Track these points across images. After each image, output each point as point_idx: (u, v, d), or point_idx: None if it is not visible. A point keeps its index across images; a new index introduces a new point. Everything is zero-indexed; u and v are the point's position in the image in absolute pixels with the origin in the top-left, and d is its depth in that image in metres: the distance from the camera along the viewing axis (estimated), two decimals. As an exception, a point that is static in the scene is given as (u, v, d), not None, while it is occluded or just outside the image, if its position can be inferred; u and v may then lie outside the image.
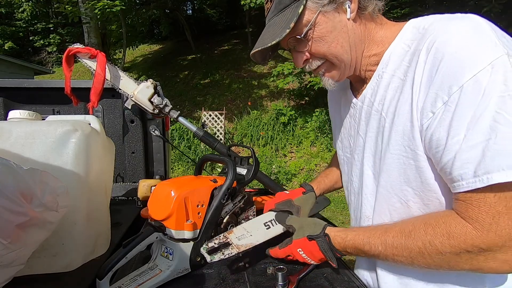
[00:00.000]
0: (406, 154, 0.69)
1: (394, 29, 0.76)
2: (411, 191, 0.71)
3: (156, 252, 0.88)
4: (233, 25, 16.47)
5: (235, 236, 0.86)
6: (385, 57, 0.75)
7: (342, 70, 0.77)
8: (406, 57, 0.70)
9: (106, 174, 1.07)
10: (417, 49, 0.66)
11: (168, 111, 1.41)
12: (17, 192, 0.65)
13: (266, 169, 6.51)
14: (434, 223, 0.63)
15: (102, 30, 11.20)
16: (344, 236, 0.77)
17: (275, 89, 9.38)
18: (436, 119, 0.61)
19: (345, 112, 0.93)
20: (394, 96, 0.71)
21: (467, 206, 0.59)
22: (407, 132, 0.68)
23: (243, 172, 1.05)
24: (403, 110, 0.68)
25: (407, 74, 0.68)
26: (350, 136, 0.90)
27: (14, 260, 0.68)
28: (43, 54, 18.53)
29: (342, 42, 0.73)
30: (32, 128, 0.88)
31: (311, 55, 0.76)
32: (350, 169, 0.91)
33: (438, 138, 0.61)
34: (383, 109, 0.75)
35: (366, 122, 0.82)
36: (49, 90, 1.60)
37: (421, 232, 0.64)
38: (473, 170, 0.56)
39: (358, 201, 0.88)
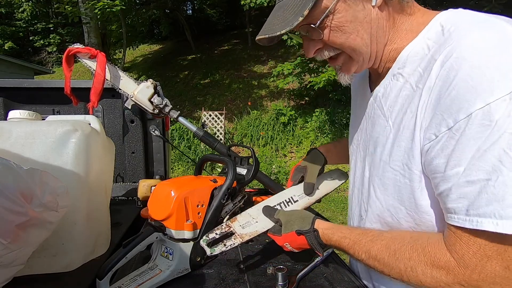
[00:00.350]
0: (403, 173, 0.65)
1: (421, 22, 0.66)
2: (404, 210, 0.67)
3: (156, 252, 0.88)
4: (233, 25, 16.46)
5: (239, 224, 0.83)
6: (402, 56, 0.67)
7: (360, 64, 0.69)
8: (422, 62, 0.62)
9: (106, 174, 1.06)
10: (434, 57, 0.58)
11: (168, 111, 1.41)
12: (17, 192, 0.65)
13: (266, 169, 6.51)
14: (420, 250, 0.60)
15: (102, 30, 11.20)
16: (331, 235, 0.76)
17: (275, 89, 9.38)
18: (438, 144, 0.56)
19: (359, 101, 0.88)
20: (403, 107, 0.65)
21: (456, 240, 0.55)
22: (408, 150, 0.63)
23: (243, 172, 1.05)
24: (408, 125, 0.63)
25: (418, 85, 0.61)
26: (360, 129, 0.85)
27: (14, 260, 0.68)
28: (43, 54, 18.53)
29: (362, 33, 0.64)
30: (32, 128, 0.88)
31: (326, 44, 0.67)
32: (355, 162, 0.87)
33: (438, 164, 0.56)
34: (390, 118, 0.69)
35: (372, 122, 0.76)
36: (49, 90, 1.60)
37: (406, 255, 0.61)
38: (466, 208, 0.52)
39: (359, 198, 0.85)
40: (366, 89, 0.82)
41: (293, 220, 0.81)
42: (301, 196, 0.98)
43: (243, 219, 0.84)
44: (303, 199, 0.97)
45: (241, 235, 0.81)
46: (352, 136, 0.90)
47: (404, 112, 0.64)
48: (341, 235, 0.74)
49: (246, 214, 0.86)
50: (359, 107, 0.86)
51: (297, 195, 0.97)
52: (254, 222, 0.85)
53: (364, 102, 0.81)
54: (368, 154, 0.78)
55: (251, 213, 0.86)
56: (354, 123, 0.90)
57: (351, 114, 0.96)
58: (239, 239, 0.81)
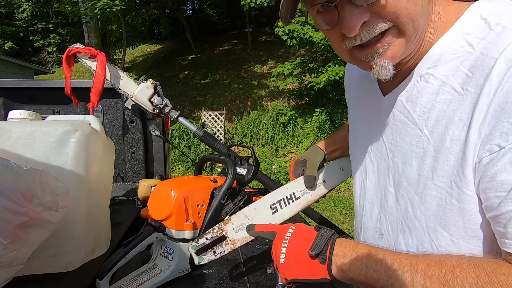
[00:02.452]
0: (451, 191, 0.54)
1: (451, 12, 0.56)
2: (447, 237, 0.56)
3: (156, 252, 0.88)
4: (233, 25, 16.47)
5: (232, 227, 0.75)
6: (433, 53, 0.56)
7: (411, 43, 0.55)
8: (466, 61, 0.52)
9: (106, 174, 1.06)
10: (488, 55, 0.49)
11: (168, 111, 1.41)
12: (17, 192, 0.65)
13: (266, 169, 6.51)
14: (490, 270, 0.48)
15: (102, 30, 11.20)
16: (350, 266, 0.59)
17: (275, 89, 9.39)
18: (504, 156, 0.46)
19: (365, 105, 0.76)
20: (445, 114, 0.54)
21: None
22: (457, 165, 0.52)
23: (243, 172, 1.05)
24: (458, 136, 0.52)
25: (467, 88, 0.51)
26: (368, 136, 0.75)
27: (14, 260, 0.68)
28: (43, 54, 18.54)
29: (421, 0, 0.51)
30: (32, 128, 0.88)
31: (375, 14, 0.51)
32: (364, 172, 0.77)
33: (503, 181, 0.47)
34: (425, 126, 0.58)
35: (395, 132, 0.65)
36: (49, 90, 1.60)
37: (470, 273, 0.48)
38: None
39: (372, 212, 0.75)
40: (374, 91, 0.71)
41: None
42: (304, 191, 0.90)
43: (237, 221, 0.77)
44: (306, 195, 0.90)
45: (233, 240, 0.74)
46: (356, 144, 0.81)
47: (448, 120, 0.54)
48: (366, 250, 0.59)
49: (241, 214, 0.78)
50: (365, 112, 0.76)
51: (299, 190, 0.89)
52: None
53: (373, 106, 0.71)
54: (392, 166, 0.67)
55: (246, 213, 0.79)
56: (357, 129, 0.81)
57: (350, 119, 0.87)
58: (231, 245, 0.74)
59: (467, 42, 0.52)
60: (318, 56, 8.13)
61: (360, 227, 0.81)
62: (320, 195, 0.93)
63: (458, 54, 0.53)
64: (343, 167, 0.97)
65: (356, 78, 0.82)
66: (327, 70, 6.94)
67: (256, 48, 12.26)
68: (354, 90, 0.84)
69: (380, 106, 0.69)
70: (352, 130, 0.84)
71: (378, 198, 0.72)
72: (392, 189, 0.67)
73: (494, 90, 0.47)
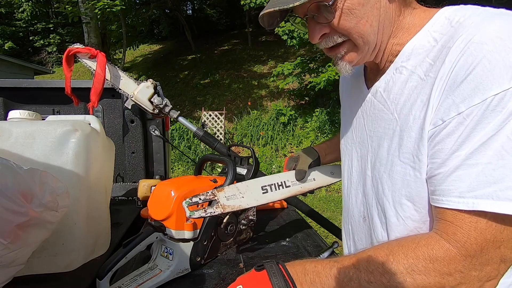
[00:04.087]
0: (413, 165, 0.61)
1: (423, 16, 0.66)
2: (411, 207, 0.64)
3: (156, 252, 0.88)
4: (233, 25, 16.47)
5: (225, 195, 0.81)
6: (406, 49, 0.65)
7: (364, 54, 0.67)
8: (431, 53, 0.60)
9: (106, 174, 1.06)
10: (446, 46, 0.57)
11: (168, 111, 1.41)
12: (17, 192, 0.65)
13: (266, 169, 6.51)
14: (414, 246, 0.57)
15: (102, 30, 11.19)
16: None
17: (275, 89, 9.39)
18: (444, 129, 0.55)
19: (353, 99, 0.84)
20: (410, 97, 0.63)
21: (456, 228, 0.53)
22: (417, 140, 0.60)
23: (243, 172, 1.05)
24: (419, 115, 0.60)
25: (429, 74, 0.59)
26: (354, 128, 0.82)
27: (14, 260, 0.68)
28: (43, 54, 18.54)
29: (372, 20, 0.62)
30: (32, 128, 0.88)
31: (333, 29, 0.64)
32: (350, 162, 0.84)
33: (440, 149, 0.55)
34: (395, 110, 0.66)
35: (373, 119, 0.74)
36: (49, 90, 1.60)
37: (400, 255, 0.57)
38: (461, 189, 0.52)
39: (357, 198, 0.81)
40: (361, 87, 0.80)
41: None
42: (294, 183, 0.96)
43: (229, 191, 0.82)
44: (295, 186, 0.96)
45: (223, 205, 0.79)
46: (345, 137, 0.88)
47: (412, 102, 0.62)
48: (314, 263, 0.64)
49: (234, 187, 0.83)
50: (353, 106, 0.84)
51: (290, 180, 0.96)
52: (240, 197, 0.82)
53: (359, 100, 0.80)
54: (370, 151, 0.75)
55: (239, 187, 0.84)
56: (347, 123, 0.88)
57: (342, 115, 0.94)
58: (221, 208, 0.78)
59: (433, 38, 0.61)
60: (318, 56, 8.13)
61: (347, 215, 0.87)
62: (308, 189, 1.00)
63: (426, 48, 0.62)
64: (333, 172, 1.05)
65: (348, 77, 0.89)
66: (327, 70, 6.94)
67: (256, 48, 12.26)
68: (346, 85, 0.93)
69: (364, 99, 0.77)
70: (343, 124, 0.92)
71: (361, 184, 0.79)
72: (369, 172, 0.75)
73: (447, 72, 0.55)
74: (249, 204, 0.84)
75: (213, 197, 0.78)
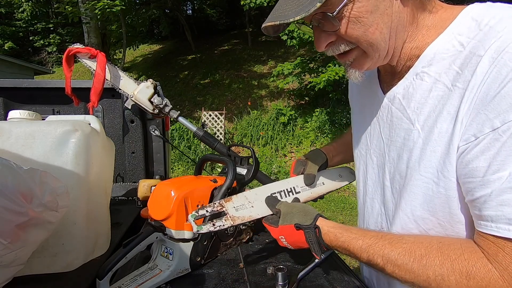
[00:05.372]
0: (437, 181, 0.58)
1: (445, 17, 0.60)
2: (435, 221, 0.61)
3: (156, 252, 0.88)
4: (233, 25, 16.47)
5: (233, 205, 0.77)
6: (427, 53, 0.61)
7: (375, 60, 0.63)
8: (457, 59, 0.56)
9: (106, 174, 1.06)
10: (476, 54, 0.53)
11: (168, 111, 1.41)
12: (17, 192, 0.65)
13: (266, 169, 6.51)
14: (454, 257, 0.54)
15: (102, 30, 11.19)
16: (339, 235, 0.68)
17: (275, 89, 9.38)
18: (477, 146, 0.51)
19: (366, 103, 0.80)
20: (435, 108, 0.58)
21: (498, 250, 0.50)
22: (444, 156, 0.56)
23: (243, 172, 1.05)
24: (447, 129, 0.56)
25: (456, 84, 0.55)
26: (369, 134, 0.78)
27: (14, 260, 0.68)
28: (43, 54, 18.54)
29: (382, 27, 0.58)
30: (32, 128, 0.88)
31: (340, 37, 0.61)
32: (365, 168, 0.81)
33: (475, 168, 0.51)
34: (417, 120, 0.62)
35: (391, 127, 0.69)
36: (49, 90, 1.60)
37: (436, 261, 0.55)
38: (509, 216, 0.48)
39: (373, 208, 0.78)
40: (375, 90, 0.76)
41: (294, 213, 0.75)
42: (304, 188, 0.93)
43: (238, 201, 0.78)
44: (306, 192, 0.93)
45: (233, 217, 0.75)
46: (359, 142, 0.84)
47: (438, 113, 0.58)
48: (351, 236, 0.66)
49: (242, 196, 0.80)
50: (366, 110, 0.80)
51: (299, 186, 0.93)
52: (249, 206, 0.79)
53: (374, 104, 0.75)
54: (389, 161, 0.71)
55: (248, 196, 0.80)
56: (360, 128, 0.84)
57: (353, 119, 0.91)
58: (230, 221, 0.74)
59: (458, 42, 0.56)
60: (318, 56, 8.13)
61: (363, 223, 0.84)
62: (319, 194, 0.97)
63: (450, 53, 0.57)
64: (342, 174, 1.03)
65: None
66: (327, 70, 6.93)
67: (256, 48, 12.25)
68: (357, 88, 0.88)
69: (380, 103, 0.73)
70: (355, 128, 0.87)
71: (379, 193, 0.76)
72: (388, 183, 0.71)
73: (478, 85, 0.51)
74: (260, 214, 0.80)
75: (221, 208, 0.75)
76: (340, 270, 0.89)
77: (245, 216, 0.77)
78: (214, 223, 0.73)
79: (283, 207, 0.79)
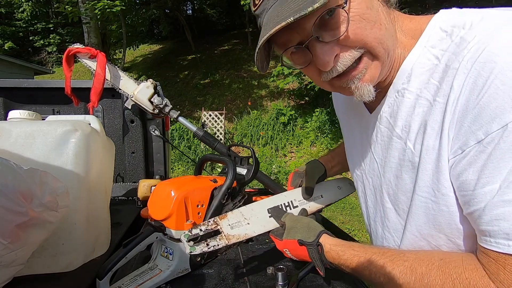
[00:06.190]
0: (436, 199, 0.57)
1: (413, 27, 0.59)
2: (444, 238, 0.59)
3: (156, 252, 0.88)
4: (233, 25, 16.47)
5: (228, 223, 0.75)
6: (405, 68, 0.59)
7: (385, 64, 0.58)
8: (435, 73, 0.55)
9: (106, 174, 1.06)
10: (450, 67, 0.52)
11: (168, 111, 1.41)
12: (17, 192, 0.65)
13: (266, 169, 6.51)
14: (455, 276, 0.52)
15: (102, 30, 11.19)
16: (341, 253, 0.67)
17: (275, 89, 9.38)
18: (464, 159, 0.50)
19: (353, 122, 0.78)
20: (421, 125, 0.57)
21: (499, 267, 0.49)
22: (435, 173, 0.55)
23: (243, 172, 1.05)
24: (433, 145, 0.55)
25: (436, 99, 0.54)
26: (361, 155, 0.77)
27: (14, 260, 0.68)
28: (43, 54, 18.53)
29: (384, 22, 0.55)
30: (32, 128, 0.88)
31: (343, 45, 0.55)
32: (363, 190, 0.79)
33: (465, 181, 0.50)
34: (408, 139, 0.60)
35: (384, 147, 0.68)
36: (49, 90, 1.60)
37: (437, 280, 0.53)
38: (507, 231, 0.46)
39: (378, 231, 0.76)
40: (361, 110, 0.74)
41: (298, 228, 0.74)
42: (302, 202, 0.91)
43: (233, 218, 0.76)
44: (304, 206, 0.91)
45: (228, 236, 0.73)
46: (353, 162, 0.83)
47: (423, 131, 0.57)
48: (353, 253, 0.65)
49: (238, 212, 0.77)
50: (354, 130, 0.78)
51: (297, 200, 0.91)
52: (245, 224, 0.77)
53: (362, 125, 0.74)
54: (385, 182, 0.69)
55: (243, 212, 0.78)
56: (350, 146, 0.83)
57: (344, 135, 0.89)
58: (225, 240, 0.72)
59: (433, 55, 0.55)
60: (318, 56, 8.11)
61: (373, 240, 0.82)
62: (317, 208, 0.95)
63: (427, 67, 0.56)
64: (340, 186, 1.01)
65: (342, 98, 0.84)
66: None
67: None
68: (342, 109, 0.87)
69: (368, 123, 0.71)
70: (347, 147, 0.87)
71: (379, 216, 0.74)
72: (389, 205, 0.69)
73: (457, 98, 0.50)
74: (256, 231, 0.78)
75: (216, 226, 0.73)
76: (340, 270, 0.89)
77: (241, 234, 0.75)
78: (208, 243, 0.71)
79: (288, 221, 0.78)
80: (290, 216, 0.80)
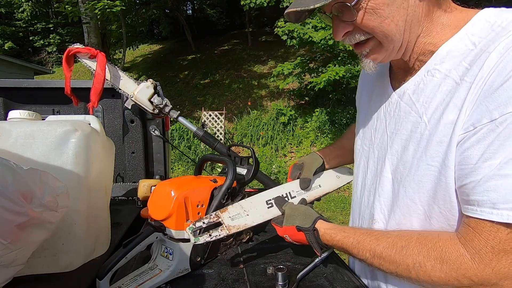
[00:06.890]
0: (441, 169, 0.61)
1: (460, 17, 0.64)
2: (437, 210, 0.64)
3: (156, 252, 0.88)
4: (233, 25, 16.47)
5: (229, 215, 0.81)
6: (441, 51, 0.63)
7: (389, 52, 0.65)
8: (468, 57, 0.58)
9: (106, 174, 1.06)
10: (485, 50, 0.55)
11: (168, 111, 1.41)
12: (17, 192, 0.65)
13: (266, 169, 6.51)
14: (430, 245, 0.59)
15: (102, 30, 11.18)
16: (334, 235, 0.76)
17: (275, 89, 9.38)
18: (474, 135, 0.54)
19: (376, 99, 0.82)
20: (443, 101, 0.61)
21: (475, 234, 0.54)
22: (447, 146, 0.59)
23: (243, 172, 1.05)
24: (450, 119, 0.59)
25: (464, 78, 0.58)
26: (374, 129, 0.81)
27: (14, 260, 0.68)
28: (43, 54, 18.53)
29: (398, 19, 0.61)
30: (32, 128, 0.88)
31: (356, 27, 0.64)
32: (366, 163, 0.84)
33: (469, 156, 0.54)
34: (425, 113, 0.65)
35: (397, 121, 0.72)
36: (49, 90, 1.60)
37: (414, 250, 0.61)
38: (495, 201, 0.51)
39: (369, 200, 0.81)
40: (386, 87, 0.78)
41: (296, 215, 0.82)
42: (300, 192, 0.96)
43: (233, 211, 0.82)
44: (301, 196, 0.96)
45: (228, 226, 0.80)
46: (363, 136, 0.86)
47: (445, 106, 0.61)
48: (344, 235, 0.74)
49: (237, 205, 0.84)
50: (373, 106, 0.83)
51: (295, 191, 0.96)
52: (244, 215, 0.83)
53: (383, 101, 0.78)
54: (391, 153, 0.73)
55: (243, 205, 0.84)
56: (364, 123, 0.86)
57: (359, 114, 0.92)
58: (226, 230, 0.79)
59: (471, 42, 0.59)
60: (318, 56, 8.13)
61: (358, 217, 0.87)
62: (315, 197, 0.99)
63: (462, 51, 0.60)
64: (339, 175, 1.05)
65: (371, 76, 0.88)
66: (327, 70, 6.93)
67: (256, 48, 12.25)
68: (367, 84, 0.90)
69: (389, 100, 0.76)
70: (361, 125, 0.89)
71: (374, 186, 0.79)
72: (388, 174, 0.74)
73: (484, 77, 0.54)
74: (255, 221, 0.84)
75: (217, 219, 0.79)
76: (340, 270, 0.89)
77: (241, 224, 0.82)
78: (211, 234, 0.78)
79: (287, 209, 0.85)
80: (290, 205, 0.87)
